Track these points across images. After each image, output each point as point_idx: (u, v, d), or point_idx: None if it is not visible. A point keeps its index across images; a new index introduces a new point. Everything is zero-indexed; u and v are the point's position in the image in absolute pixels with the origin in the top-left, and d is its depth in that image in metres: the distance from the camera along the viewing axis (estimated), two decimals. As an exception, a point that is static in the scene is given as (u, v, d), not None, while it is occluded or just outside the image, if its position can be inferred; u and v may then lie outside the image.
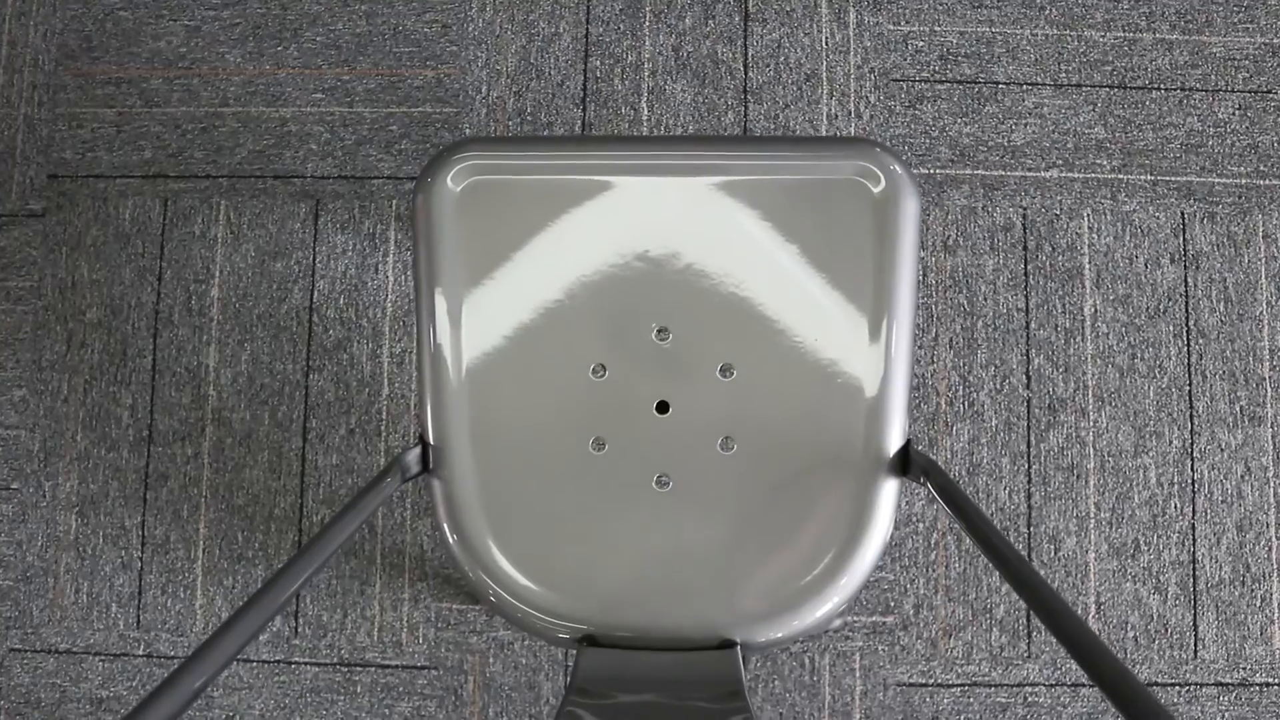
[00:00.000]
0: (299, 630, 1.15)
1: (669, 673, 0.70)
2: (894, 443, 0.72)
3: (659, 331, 0.74)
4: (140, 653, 1.15)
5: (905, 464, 0.72)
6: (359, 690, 1.14)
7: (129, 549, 1.17)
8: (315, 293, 1.21)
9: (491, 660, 1.14)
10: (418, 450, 0.73)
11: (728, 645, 0.71)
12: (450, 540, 0.73)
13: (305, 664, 1.15)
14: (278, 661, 1.15)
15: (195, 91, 1.25)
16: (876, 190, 0.73)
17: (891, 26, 1.24)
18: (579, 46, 1.25)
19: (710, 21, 1.25)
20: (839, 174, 0.74)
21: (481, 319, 0.74)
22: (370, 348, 1.20)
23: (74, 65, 1.26)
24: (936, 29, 1.24)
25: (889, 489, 0.72)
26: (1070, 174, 1.20)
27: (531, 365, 0.74)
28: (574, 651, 0.88)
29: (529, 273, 0.74)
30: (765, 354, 0.73)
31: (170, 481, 1.18)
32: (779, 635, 0.71)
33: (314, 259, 1.22)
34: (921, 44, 1.24)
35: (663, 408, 0.73)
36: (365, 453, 1.18)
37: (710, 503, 0.72)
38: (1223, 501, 1.14)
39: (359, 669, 1.15)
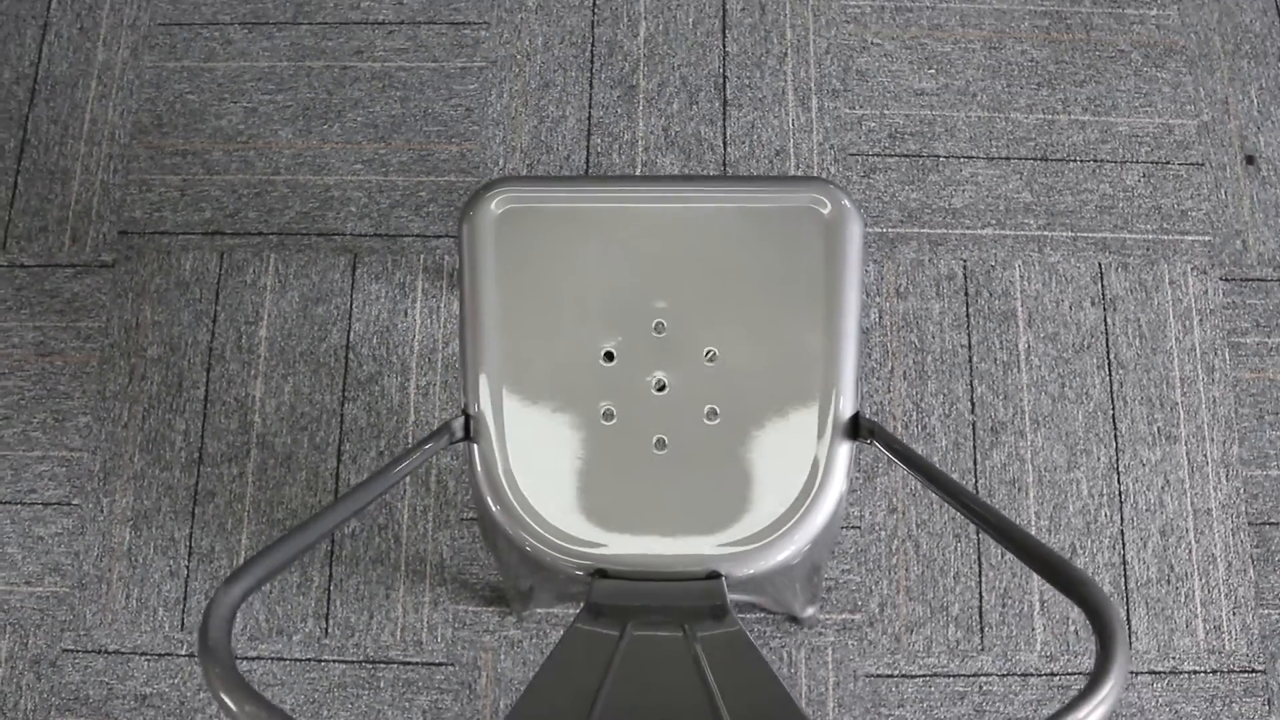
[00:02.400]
0: (329, 631, 1.28)
1: (666, 598, 0.85)
2: (846, 412, 0.89)
3: (656, 326, 0.91)
4: (183, 653, 1.28)
5: (856, 430, 0.89)
6: (382, 685, 1.27)
7: (177, 558, 1.31)
8: (351, 333, 1.38)
9: (503, 657, 1.27)
10: (461, 420, 0.89)
11: (714, 576, 0.86)
12: (485, 495, 0.89)
13: (334, 661, 1.27)
14: (309, 659, 1.27)
15: (251, 162, 1.45)
16: (826, 214, 0.92)
17: (848, 110, 1.46)
18: (582, 127, 1.46)
19: (694, 106, 1.46)
20: (797, 203, 0.93)
21: (512, 315, 0.91)
22: (399, 381, 1.37)
23: (146, 139, 1.46)
24: (885, 113, 1.46)
25: (843, 450, 0.88)
26: (1003, 231, 1.41)
27: (553, 352, 0.91)
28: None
29: (551, 278, 0.92)
30: (742, 343, 0.90)
31: (217, 498, 1.33)
32: (754, 567, 0.86)
33: (351, 304, 1.39)
34: (873, 125, 1.45)
35: (660, 386, 0.90)
36: (392, 471, 1.33)
37: (699, 462, 0.88)
38: (1146, 510, 1.31)
39: (382, 666, 1.27)
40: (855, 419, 0.89)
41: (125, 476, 1.34)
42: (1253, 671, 1.25)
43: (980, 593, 1.29)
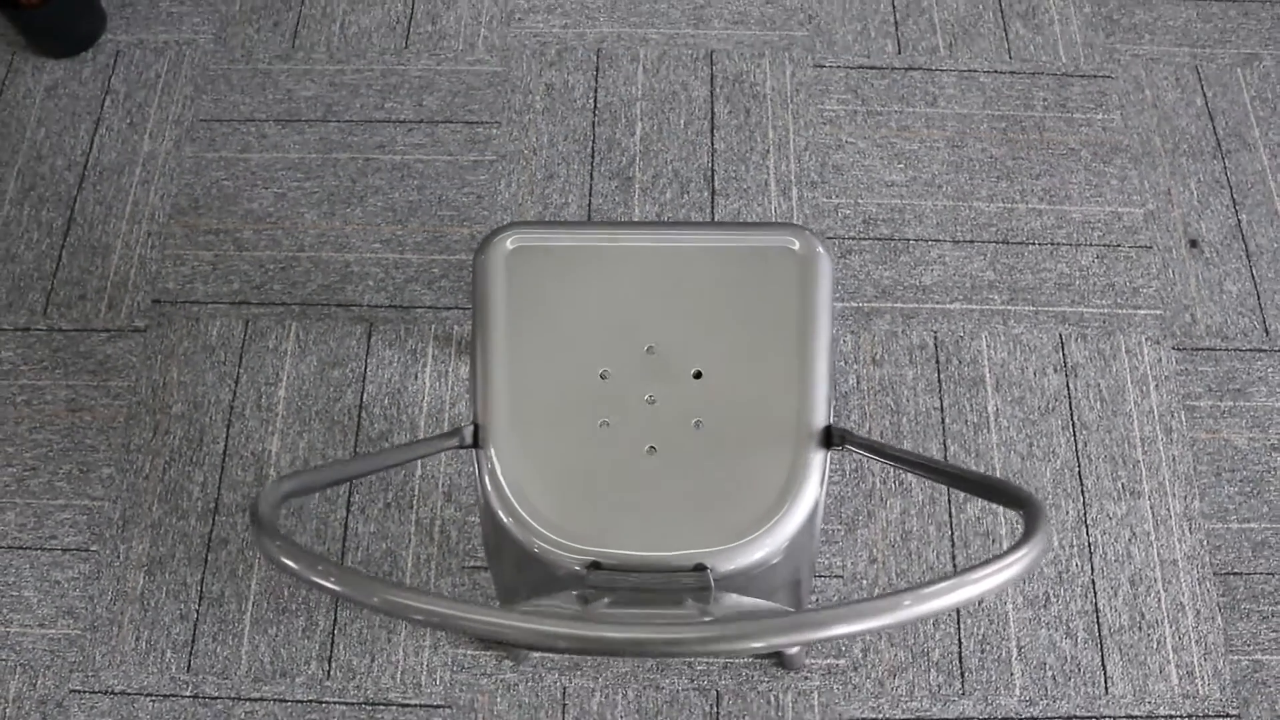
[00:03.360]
0: (331, 673, 1.32)
1: (656, 584, 0.92)
2: (819, 423, 0.98)
3: (648, 348, 1.01)
4: (187, 694, 1.31)
5: (830, 438, 0.98)
6: (380, 728, 1.30)
7: (187, 602, 1.36)
8: (365, 394, 1.48)
9: (499, 700, 1.31)
10: (471, 428, 0.98)
11: (700, 569, 0.93)
12: (490, 495, 0.96)
13: (335, 703, 1.31)
14: (311, 701, 1.31)
15: (278, 240, 1.58)
16: (798, 252, 1.04)
17: (825, 200, 1.60)
18: (583, 213, 1.60)
19: (685, 195, 1.61)
20: (774, 243, 1.05)
21: (519, 337, 1.01)
22: (408, 437, 1.45)
23: (183, 219, 1.59)
24: (859, 202, 1.60)
25: (817, 456, 0.97)
26: (969, 306, 1.52)
27: (554, 370, 1.00)
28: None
29: (554, 306, 1.02)
30: (725, 363, 1.00)
31: (230, 545, 1.39)
32: (736, 563, 0.93)
33: (365, 368, 1.49)
34: (849, 212, 1.59)
35: (651, 400, 0.99)
36: (398, 522, 1.40)
37: (686, 467, 0.97)
38: (1115, 560, 1.37)
39: (382, 707, 1.31)
40: (828, 429, 0.98)
41: (143, 524, 1.40)
42: (1226, 716, 1.29)
43: (959, 639, 1.33)
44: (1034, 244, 1.57)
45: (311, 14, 1.77)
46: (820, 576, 1.37)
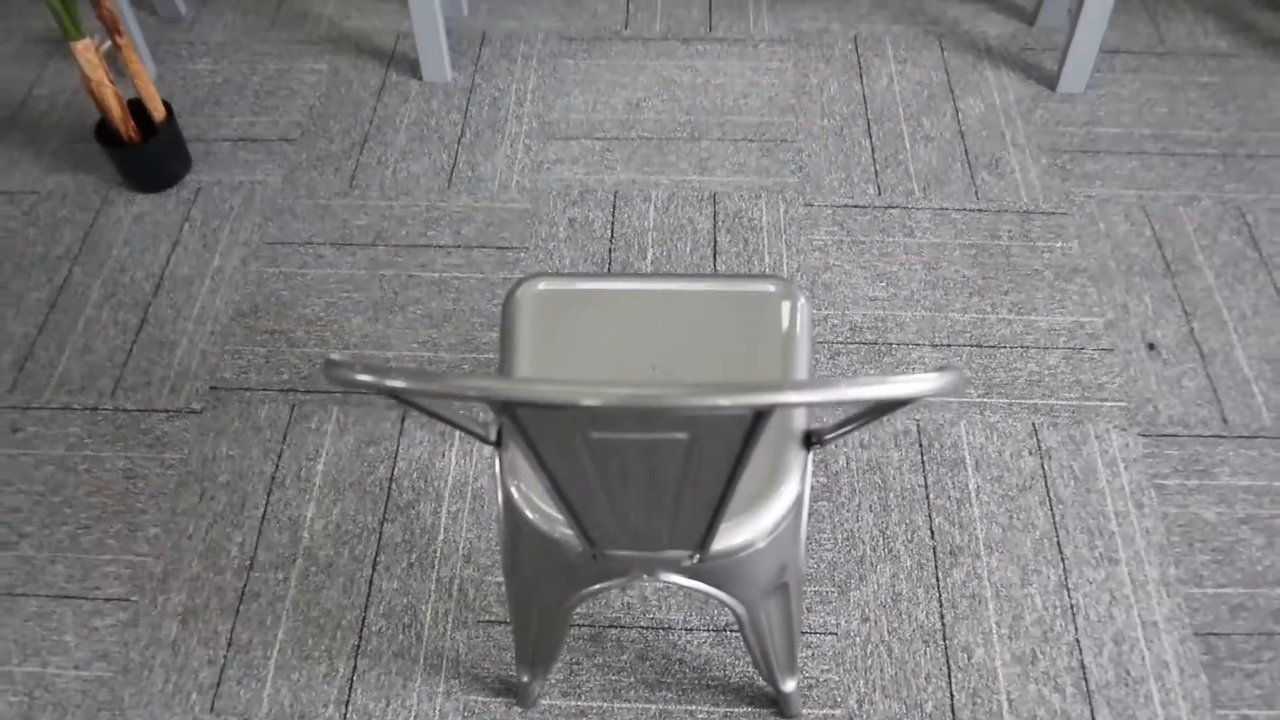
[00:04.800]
0: (348, 716, 1.38)
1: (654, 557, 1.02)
2: (799, 428, 1.11)
3: (653, 367, 1.17)
4: (210, 734, 1.37)
5: (809, 442, 1.11)
6: (391, 770, 1.34)
7: (216, 649, 1.44)
8: (396, 469, 1.61)
9: (506, 744, 1.35)
10: (496, 429, 1.12)
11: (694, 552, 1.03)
12: (510, 487, 1.09)
13: (348, 745, 1.36)
14: (325, 742, 1.36)
15: (327, 340, 1.77)
16: (778, 293, 1.21)
17: (816, 310, 1.79)
18: (599, 321, 1.78)
19: (690, 305, 1.80)
20: (763, 290, 1.22)
21: (539, 357, 1.17)
22: (433, 507, 1.57)
23: (243, 320, 1.79)
24: (846, 313, 1.79)
25: (798, 456, 1.09)
26: (948, 399, 1.67)
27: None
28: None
29: (570, 336, 1.19)
30: (721, 377, 1.15)
31: (261, 598, 1.48)
32: (727, 542, 1.04)
33: (398, 447, 1.64)
34: (837, 321, 1.78)
35: (654, 409, 1.13)
36: (420, 580, 1.50)
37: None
38: (1098, 621, 1.44)
39: (393, 749, 1.35)
40: (808, 434, 1.11)
41: (182, 578, 1.50)
42: (1217, 769, 1.32)
43: (951, 691, 1.38)
44: (1005, 347, 1.73)
45: (368, 162, 2.05)
46: (816, 633, 1.44)
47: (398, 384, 0.69)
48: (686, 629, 1.45)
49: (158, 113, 1.93)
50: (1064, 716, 1.36)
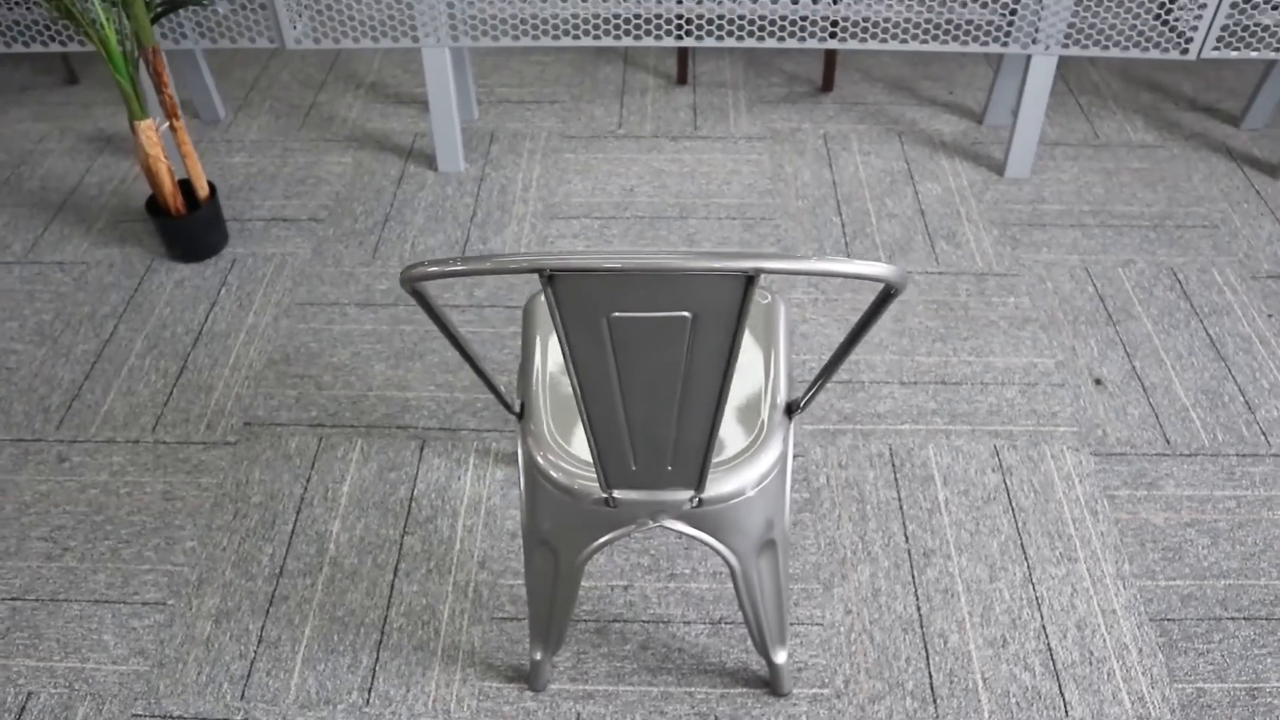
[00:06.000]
0: (370, 701, 1.48)
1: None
2: (781, 400, 1.28)
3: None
4: (238, 718, 1.46)
5: (791, 412, 1.27)
6: (410, 749, 1.43)
7: (247, 644, 1.54)
8: (415, 490, 1.75)
9: (519, 724, 1.45)
10: (520, 404, 1.28)
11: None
12: (532, 449, 1.24)
13: (370, 727, 1.45)
14: (349, 725, 1.45)
15: (352, 384, 1.94)
16: (765, 305, 1.40)
17: (796, 355, 1.98)
18: (599, 366, 1.96)
19: (682, 352, 1.99)
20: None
21: (553, 357, 1.34)
22: (450, 522, 1.71)
23: (275, 367, 1.96)
24: (822, 357, 1.98)
25: (780, 421, 1.26)
26: (917, 426, 1.84)
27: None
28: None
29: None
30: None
31: (289, 601, 1.60)
32: (720, 488, 1.19)
33: (417, 471, 1.78)
34: (814, 365, 1.96)
35: (655, 387, 1.30)
36: (438, 583, 1.62)
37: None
38: (1062, 610, 1.57)
39: (413, 730, 1.45)
40: (788, 406, 1.28)
41: (216, 584, 1.62)
42: (1177, 735, 1.43)
43: (929, 672, 1.50)
44: (966, 384, 1.92)
45: (389, 237, 2.27)
46: (803, 624, 1.56)
47: (457, 267, 0.87)
48: (684, 622, 1.57)
49: (202, 189, 2.15)
50: (1035, 692, 1.48)
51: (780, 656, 1.43)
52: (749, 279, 0.85)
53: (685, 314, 0.90)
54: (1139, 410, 1.87)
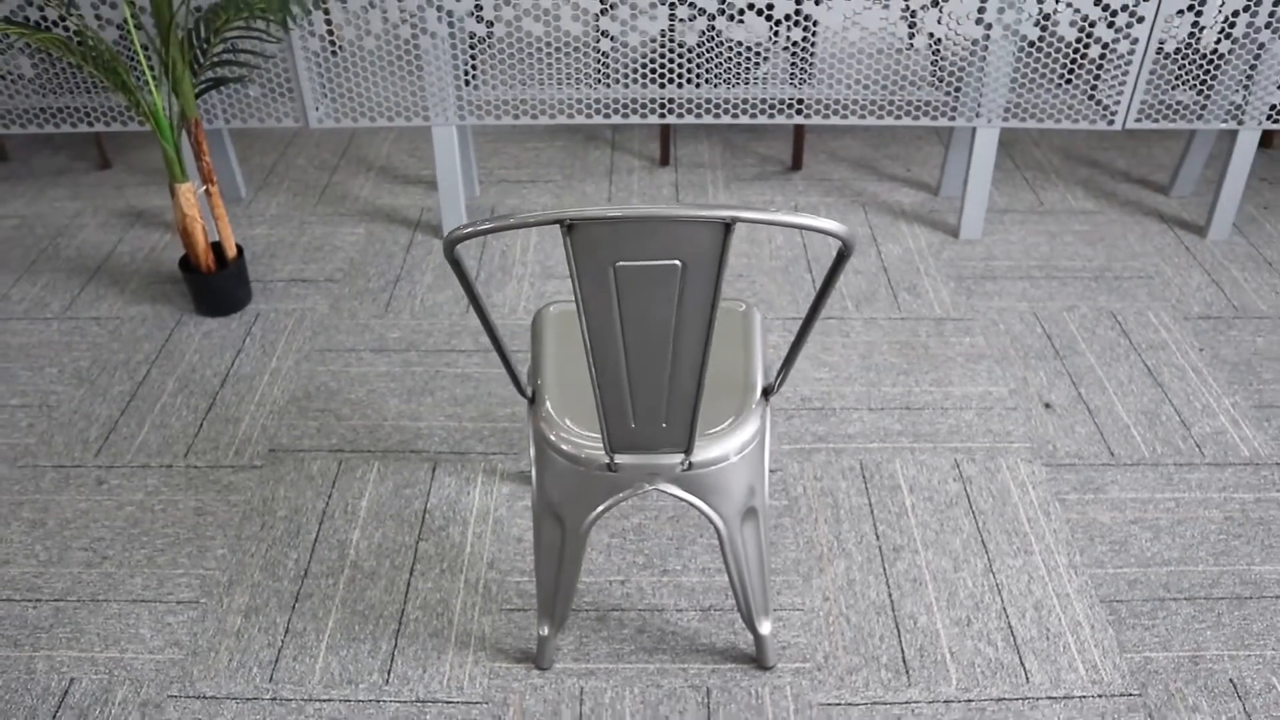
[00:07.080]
0: (390, 680, 1.60)
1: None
2: (758, 383, 1.47)
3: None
4: (267, 697, 1.58)
5: (767, 394, 1.46)
6: (429, 718, 1.55)
7: (275, 634, 1.67)
8: (429, 503, 1.91)
9: (528, 697, 1.58)
10: (531, 391, 1.47)
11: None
12: (543, 426, 1.42)
13: (390, 702, 1.57)
14: (370, 701, 1.57)
15: (368, 415, 2.11)
16: (742, 311, 1.61)
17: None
18: (595, 400, 2.15)
19: (670, 385, 2.18)
20: (731, 306, 1.62)
21: (560, 361, 1.54)
22: (461, 530, 1.86)
23: (297, 403, 2.14)
24: (797, 389, 2.17)
25: (758, 400, 1.45)
26: (884, 444, 2.03)
27: (579, 361, 1.51)
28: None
29: (578, 343, 1.56)
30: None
31: (314, 598, 1.74)
32: (706, 453, 1.37)
33: (430, 487, 1.94)
34: (790, 395, 2.16)
35: (649, 377, 1.49)
36: (451, 581, 1.76)
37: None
38: (1020, 594, 1.72)
39: (429, 704, 1.57)
40: (765, 389, 1.47)
41: (245, 585, 1.76)
42: (1130, 695, 1.57)
43: (901, 647, 1.64)
44: (928, 409, 2.11)
45: (400, 294, 2.48)
46: (785, 610, 1.71)
47: (487, 226, 1.07)
48: (677, 610, 1.71)
49: (231, 249, 2.37)
50: (998, 663, 1.62)
51: (765, 627, 1.58)
52: (726, 227, 1.05)
53: (676, 262, 1.10)
54: (1085, 429, 2.06)
